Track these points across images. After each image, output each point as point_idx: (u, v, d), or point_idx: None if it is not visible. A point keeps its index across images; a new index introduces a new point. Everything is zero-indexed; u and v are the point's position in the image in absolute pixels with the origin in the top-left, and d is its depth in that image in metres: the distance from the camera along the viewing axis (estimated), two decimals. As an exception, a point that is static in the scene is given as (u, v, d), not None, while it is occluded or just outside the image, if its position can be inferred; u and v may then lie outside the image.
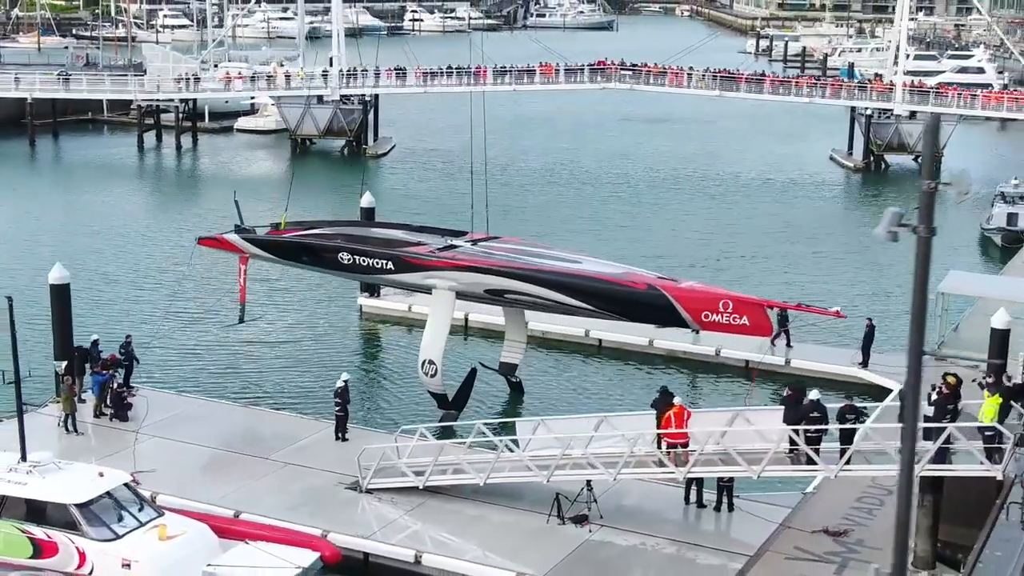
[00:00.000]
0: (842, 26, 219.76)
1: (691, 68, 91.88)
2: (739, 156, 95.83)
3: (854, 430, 27.51)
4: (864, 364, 42.31)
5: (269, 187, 79.25)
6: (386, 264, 37.81)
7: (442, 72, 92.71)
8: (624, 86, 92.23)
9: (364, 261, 38.07)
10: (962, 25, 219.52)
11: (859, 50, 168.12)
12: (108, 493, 27.36)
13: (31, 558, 26.75)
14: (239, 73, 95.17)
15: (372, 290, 50.15)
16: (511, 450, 30.60)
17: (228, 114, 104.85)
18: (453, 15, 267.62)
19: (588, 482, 30.00)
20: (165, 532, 27.07)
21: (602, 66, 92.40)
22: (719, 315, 34.05)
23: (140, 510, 27.55)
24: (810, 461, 27.62)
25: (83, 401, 36.53)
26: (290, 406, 39.24)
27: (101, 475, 27.75)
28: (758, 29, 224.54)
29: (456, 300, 37.94)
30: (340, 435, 35.09)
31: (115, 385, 36.57)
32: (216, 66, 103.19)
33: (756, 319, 34.01)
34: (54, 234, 64.99)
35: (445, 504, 30.93)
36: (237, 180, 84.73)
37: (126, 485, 27.87)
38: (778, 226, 70.80)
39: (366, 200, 50.50)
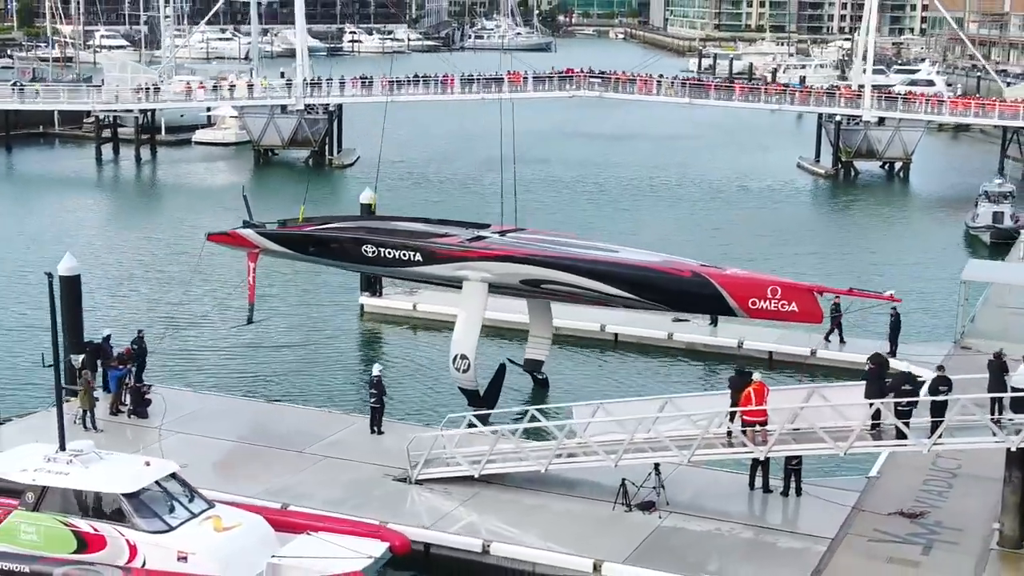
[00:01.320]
0: (782, 44, 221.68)
1: (660, 75, 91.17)
2: (710, 166, 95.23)
3: (945, 403, 26.24)
4: (892, 353, 41.27)
5: (235, 197, 77.34)
6: (414, 256, 36.01)
7: (408, 81, 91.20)
8: (593, 94, 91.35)
9: (390, 253, 36.21)
10: (901, 43, 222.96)
11: (804, 67, 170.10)
12: (157, 483, 25.50)
13: (75, 553, 24.75)
14: (200, 83, 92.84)
15: (373, 289, 48.47)
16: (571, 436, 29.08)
17: (184, 127, 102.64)
18: (392, 36, 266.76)
19: (656, 466, 28.62)
20: (221, 523, 25.24)
21: (571, 74, 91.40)
22: (767, 302, 32.70)
23: (191, 501, 25.70)
24: (900, 436, 26.35)
25: (96, 399, 34.50)
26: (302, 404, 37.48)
27: (148, 464, 25.87)
28: (700, 48, 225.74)
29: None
30: (376, 428, 33.37)
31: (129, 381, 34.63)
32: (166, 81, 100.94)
33: (806, 305, 32.70)
34: (28, 240, 62.80)
35: (501, 494, 29.36)
36: (203, 190, 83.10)
37: (173, 475, 26.01)
38: (762, 229, 69.99)
39: (365, 196, 48.83)
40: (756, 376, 28.11)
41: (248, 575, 24.25)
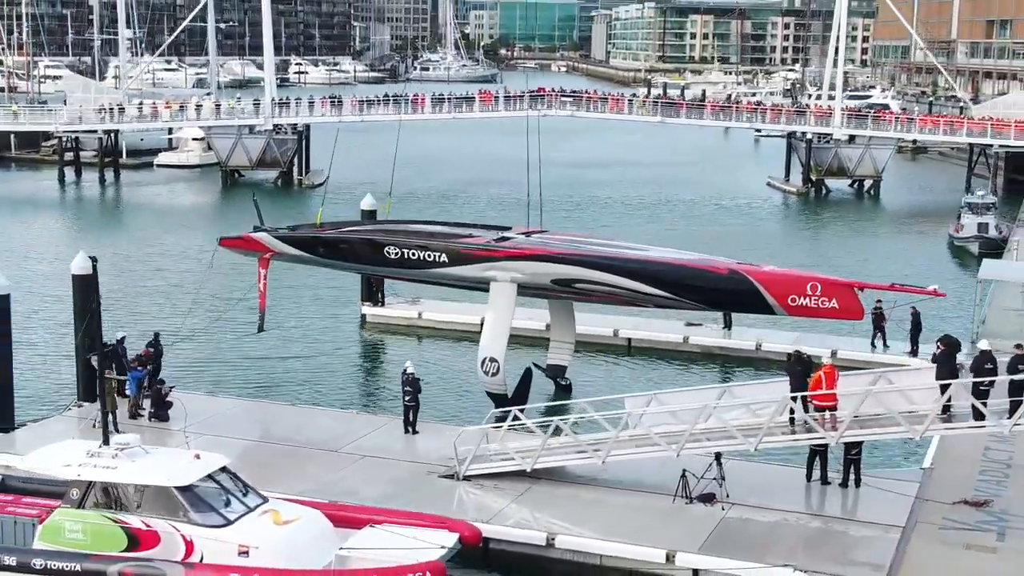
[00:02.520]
0: (730, 74, 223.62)
1: (632, 94, 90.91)
2: (681, 186, 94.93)
3: None
4: (914, 353, 40.79)
5: (203, 218, 76.80)
6: (439, 257, 34.77)
7: (378, 100, 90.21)
8: (565, 113, 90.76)
9: (414, 255, 34.94)
10: (847, 72, 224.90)
11: (754, 94, 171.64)
12: (210, 476, 24.21)
13: (126, 550, 23.37)
14: (167, 103, 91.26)
15: (375, 299, 47.30)
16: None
17: (145, 151, 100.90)
18: (338, 68, 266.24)
19: (717, 457, 27.75)
20: (280, 517, 24.01)
21: (541, 93, 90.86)
22: (807, 298, 31.89)
23: (245, 495, 24.43)
24: (978, 416, 25.65)
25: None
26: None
27: (198, 457, 24.57)
28: (648, 78, 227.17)
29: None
30: (411, 427, 32.23)
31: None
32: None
33: (846, 301, 31.93)
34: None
35: (555, 489, 28.32)
36: (174, 211, 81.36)
37: (224, 469, 24.72)
38: (744, 244, 69.28)
39: (366, 202, 47.69)
40: (825, 359, 27.31)
41: (313, 568, 23.01)
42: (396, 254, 35.18)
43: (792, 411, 27.15)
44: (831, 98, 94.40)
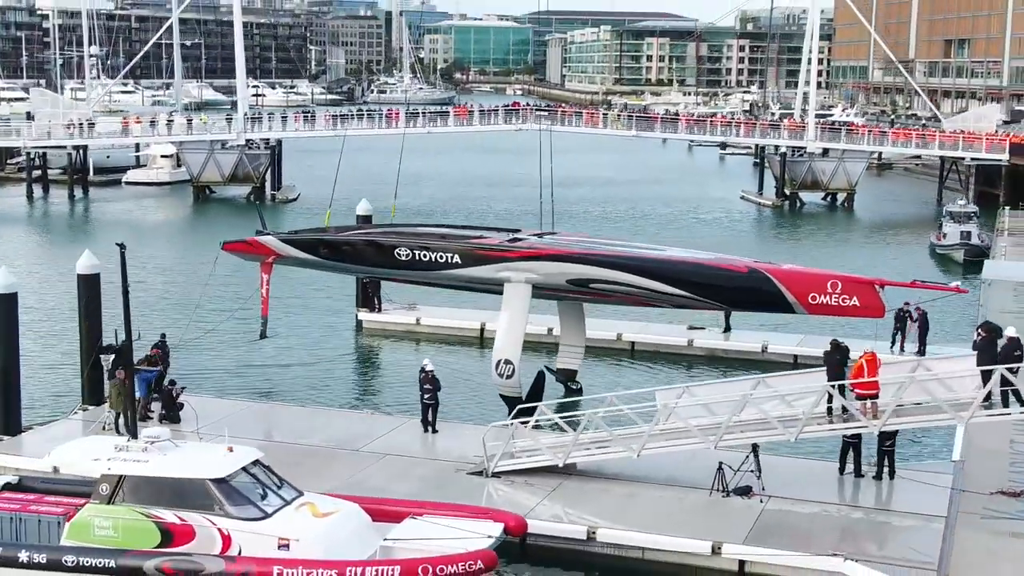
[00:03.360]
0: (689, 94, 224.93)
1: (607, 109, 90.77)
2: (656, 200, 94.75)
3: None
4: (921, 352, 40.52)
5: (177, 233, 76.09)
6: (451, 258, 33.85)
7: (352, 115, 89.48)
8: (540, 127, 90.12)
9: (425, 256, 34.00)
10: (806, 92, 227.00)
11: (715, 114, 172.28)
12: (244, 469, 23.42)
13: (159, 546, 22.50)
14: (137, 118, 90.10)
15: (372, 305, 46.57)
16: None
17: (112, 169, 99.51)
18: (295, 91, 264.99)
19: (754, 448, 27.28)
20: (318, 509, 23.25)
21: (516, 108, 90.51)
22: (827, 296, 31.39)
23: (280, 487, 23.66)
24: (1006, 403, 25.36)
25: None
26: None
27: (231, 450, 23.75)
28: (607, 100, 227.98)
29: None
30: (430, 426, 31.53)
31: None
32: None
33: (867, 299, 31.48)
34: None
35: (587, 484, 27.75)
36: (146, 226, 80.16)
37: (257, 462, 23.94)
38: (731, 254, 69.31)
39: (362, 207, 47.00)
40: (868, 347, 26.89)
41: (359, 559, 22.25)
42: (407, 255, 34.31)
43: (830, 400, 26.73)
44: (804, 113, 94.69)
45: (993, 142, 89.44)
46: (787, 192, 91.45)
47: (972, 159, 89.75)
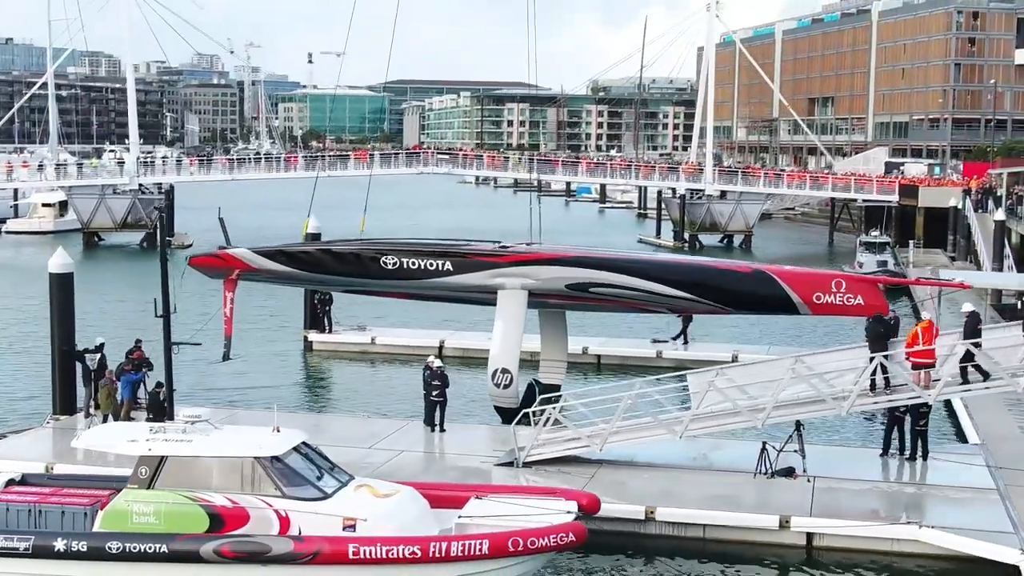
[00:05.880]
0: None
1: (507, 155, 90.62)
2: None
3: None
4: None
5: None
6: (443, 265, 32.00)
7: (249, 159, 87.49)
8: (441, 170, 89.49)
9: (414, 263, 32.09)
10: (669, 154, 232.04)
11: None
12: (295, 449, 21.76)
13: (208, 531, 20.66)
14: (24, 162, 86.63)
15: (321, 325, 44.81)
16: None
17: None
18: (153, 156, 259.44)
19: (798, 426, 26.54)
20: (378, 491, 21.67)
21: (418, 151, 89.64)
22: (832, 296, 30.93)
23: (332, 469, 22.06)
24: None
25: (99, 406, 30.20)
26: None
27: (278, 431, 22.06)
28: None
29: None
30: (437, 425, 30.07)
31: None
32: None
33: (871, 298, 31.24)
34: None
35: (623, 472, 26.68)
36: (33, 272, 76.46)
37: (306, 443, 22.29)
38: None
39: (312, 225, 45.27)
40: (925, 315, 26.42)
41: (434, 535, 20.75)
42: (394, 264, 32.53)
43: (873, 374, 26.15)
44: (708, 148, 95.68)
45: (883, 184, 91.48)
46: (686, 235, 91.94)
47: (864, 200, 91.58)
